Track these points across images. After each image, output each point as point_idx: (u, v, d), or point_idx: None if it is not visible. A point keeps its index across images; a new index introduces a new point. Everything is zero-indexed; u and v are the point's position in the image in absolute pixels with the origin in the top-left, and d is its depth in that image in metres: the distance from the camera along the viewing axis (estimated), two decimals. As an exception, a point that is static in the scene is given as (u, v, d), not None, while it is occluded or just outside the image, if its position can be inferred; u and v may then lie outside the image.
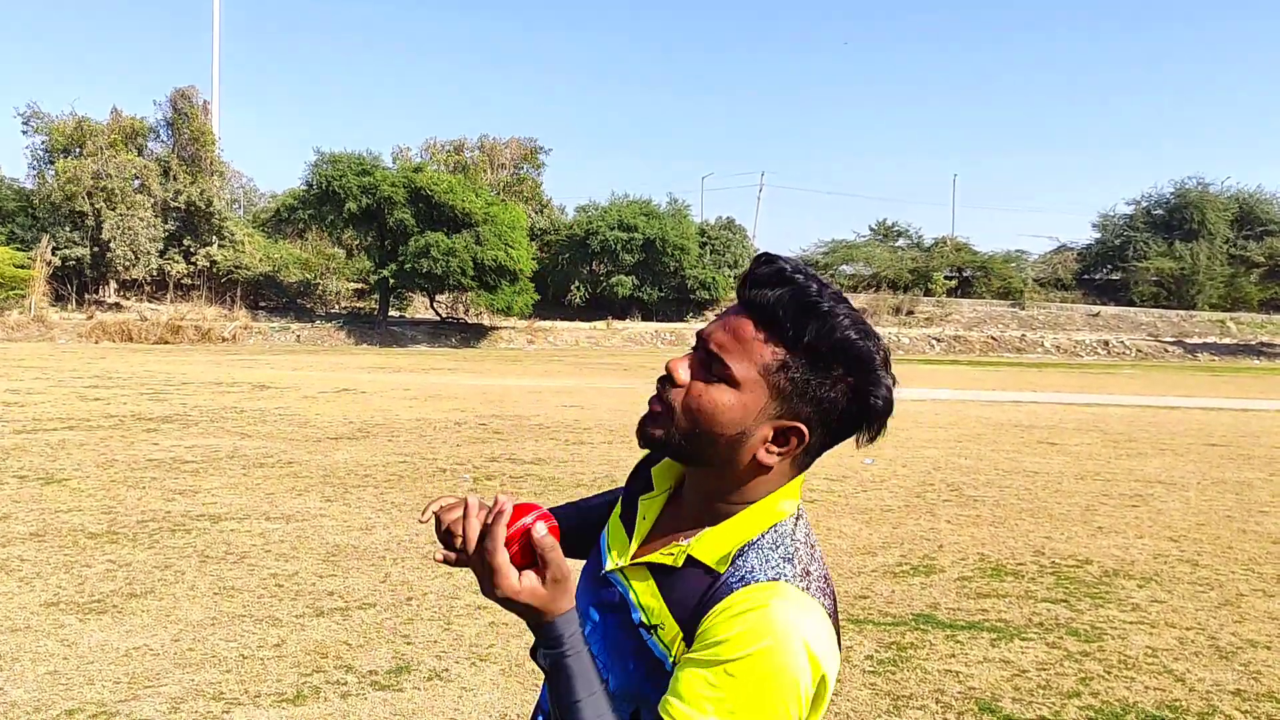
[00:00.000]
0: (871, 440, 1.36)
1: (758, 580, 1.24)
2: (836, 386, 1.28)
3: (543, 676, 1.30)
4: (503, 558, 1.22)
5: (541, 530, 1.24)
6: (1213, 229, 53.67)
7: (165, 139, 46.81)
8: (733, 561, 1.28)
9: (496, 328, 44.01)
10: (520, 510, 1.26)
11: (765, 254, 1.34)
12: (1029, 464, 11.62)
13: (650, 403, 1.34)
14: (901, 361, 38.17)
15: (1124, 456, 12.44)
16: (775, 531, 1.31)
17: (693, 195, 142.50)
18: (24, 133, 46.93)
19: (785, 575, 1.25)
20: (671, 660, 1.26)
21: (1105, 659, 5.08)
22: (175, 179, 44.48)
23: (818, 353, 1.27)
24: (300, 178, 45.74)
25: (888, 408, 1.31)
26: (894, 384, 1.32)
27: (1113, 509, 9.01)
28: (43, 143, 44.86)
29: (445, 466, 10.59)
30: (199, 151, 45.91)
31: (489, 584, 1.23)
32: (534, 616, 1.24)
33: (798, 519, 1.36)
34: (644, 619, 1.30)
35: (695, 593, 1.27)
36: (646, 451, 1.43)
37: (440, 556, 1.34)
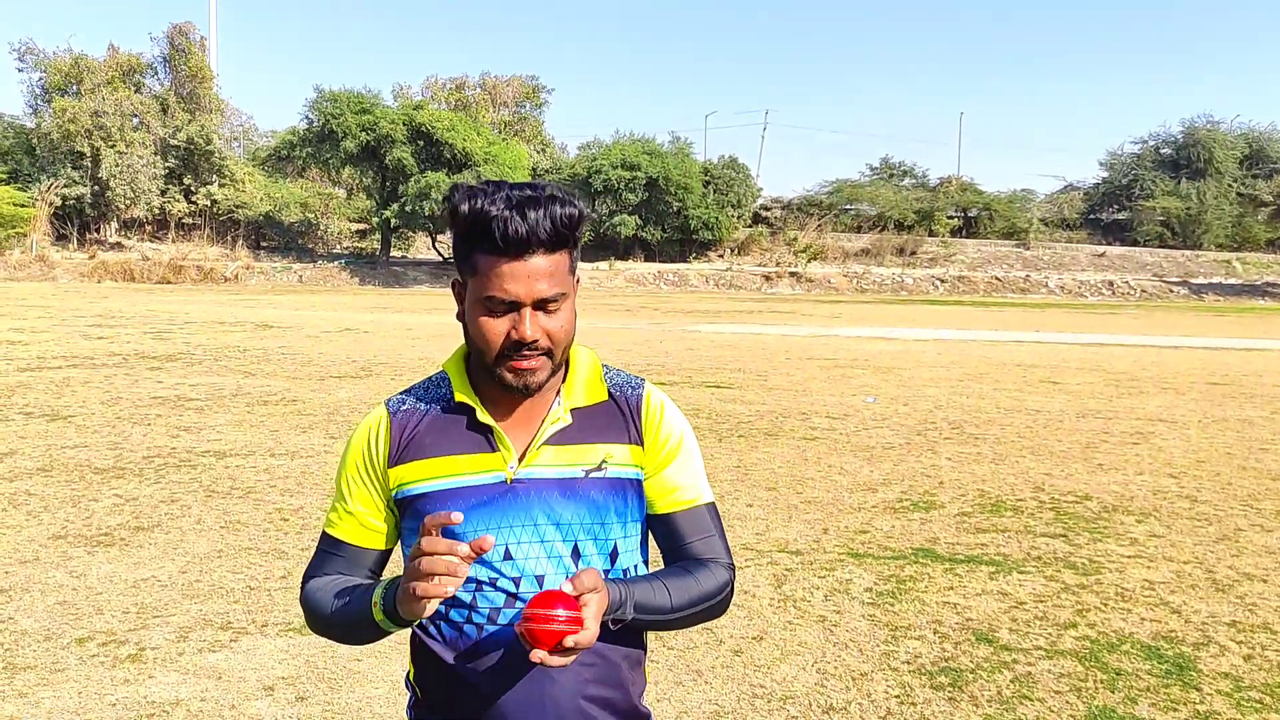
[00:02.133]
0: None
1: (642, 384, 1.69)
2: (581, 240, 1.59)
3: None
4: (588, 637, 1.41)
5: (562, 615, 1.39)
6: (1221, 167, 53.04)
7: (163, 76, 46.29)
8: (607, 381, 1.66)
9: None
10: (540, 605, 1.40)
11: (485, 210, 1.48)
12: (1031, 403, 11.65)
13: (518, 366, 1.53)
14: (905, 302, 38.11)
15: (1126, 395, 12.46)
16: (588, 353, 1.68)
17: (696, 134, 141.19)
18: (19, 70, 46.40)
19: (641, 378, 1.72)
20: (632, 468, 1.61)
21: (1102, 592, 5.14)
22: (173, 116, 44.05)
23: (577, 236, 1.54)
24: (300, 115, 45.31)
25: None
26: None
27: (1113, 446, 9.05)
28: (39, 80, 44.40)
29: (448, 404, 10.61)
30: (196, 89, 45.45)
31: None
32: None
33: None
34: (588, 466, 1.58)
35: (614, 415, 1.64)
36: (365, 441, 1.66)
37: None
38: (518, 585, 1.54)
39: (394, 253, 45.22)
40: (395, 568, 1.69)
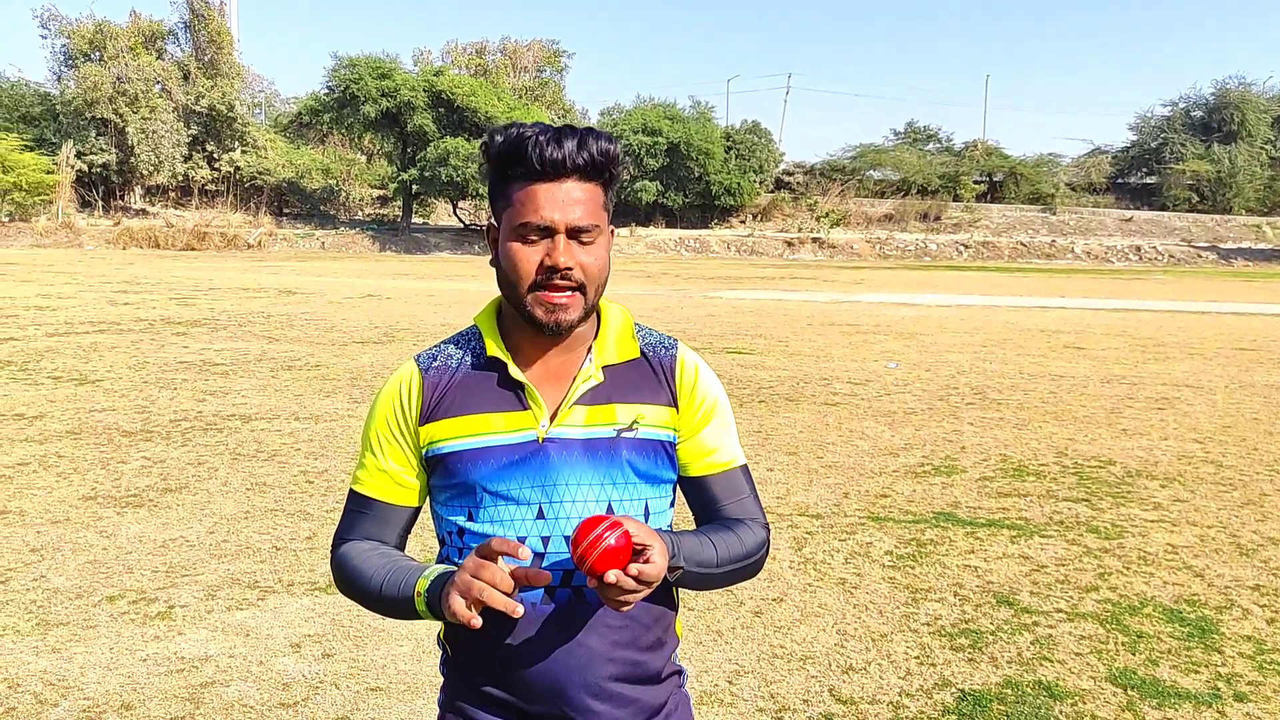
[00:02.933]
0: None
1: (675, 345, 1.67)
2: (617, 182, 1.59)
3: None
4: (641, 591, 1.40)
5: (618, 540, 1.37)
6: (1252, 130, 52.16)
7: (184, 42, 46.31)
8: (639, 339, 1.64)
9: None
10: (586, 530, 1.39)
11: (524, 134, 1.49)
12: (1054, 368, 11.57)
13: (550, 299, 1.50)
14: (928, 268, 37.85)
15: (1151, 361, 12.36)
16: (619, 309, 1.66)
17: (718, 99, 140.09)
18: (43, 37, 46.55)
19: (673, 338, 1.69)
20: (665, 429, 1.59)
21: (1124, 555, 5.13)
22: (195, 83, 44.10)
23: (612, 174, 1.54)
24: (321, 81, 45.24)
25: None
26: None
27: (1138, 412, 8.99)
28: (63, 46, 44.50)
29: (471, 369, 10.66)
30: (217, 54, 45.43)
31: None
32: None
33: None
34: (620, 426, 1.56)
35: (647, 374, 1.61)
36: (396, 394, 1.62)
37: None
38: (547, 545, 1.52)
39: (415, 219, 45.25)
40: (422, 533, 1.70)
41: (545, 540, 1.52)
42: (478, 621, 1.36)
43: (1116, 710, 3.50)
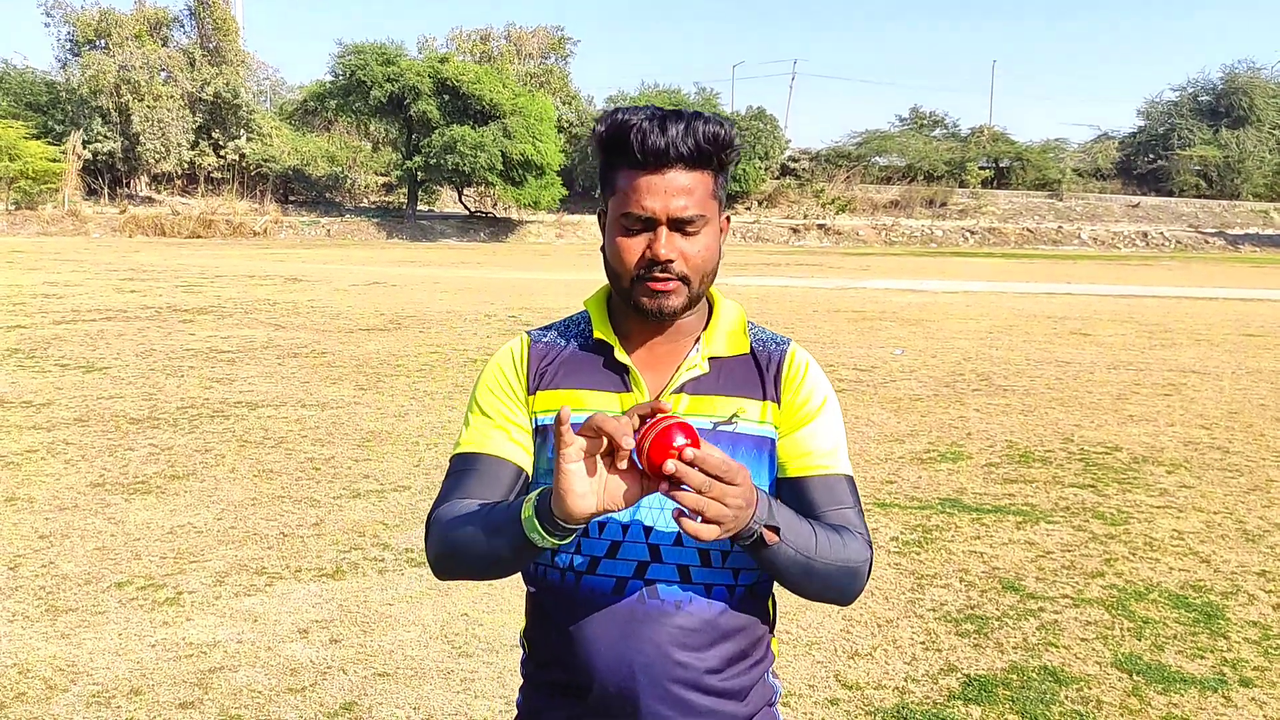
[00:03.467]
0: None
1: (787, 343, 1.60)
2: (733, 167, 1.53)
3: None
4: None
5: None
6: (1261, 115, 51.90)
7: (189, 29, 46.25)
8: (750, 336, 1.58)
9: (525, 222, 43.80)
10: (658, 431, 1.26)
11: (627, 120, 1.44)
12: (1061, 354, 11.55)
13: (654, 286, 1.46)
14: (934, 254, 37.76)
15: (1158, 347, 12.33)
16: (734, 305, 1.61)
17: (723, 85, 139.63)
18: (46, 25, 46.51)
19: (788, 337, 1.63)
20: (768, 425, 1.52)
21: (1130, 541, 5.13)
22: (200, 70, 44.06)
23: (723, 159, 1.48)
24: (326, 68, 45.16)
25: None
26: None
27: (1144, 398, 8.98)
28: (68, 34, 44.46)
29: (475, 357, 10.68)
30: (222, 41, 45.35)
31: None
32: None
33: None
34: (718, 419, 1.49)
35: (749, 370, 1.55)
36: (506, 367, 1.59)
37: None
38: (625, 533, 1.46)
39: (420, 206, 45.22)
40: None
41: (625, 528, 1.47)
42: (627, 441, 1.24)
43: (1122, 695, 3.51)
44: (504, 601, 4.21)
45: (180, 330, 12.32)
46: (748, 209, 49.16)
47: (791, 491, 1.51)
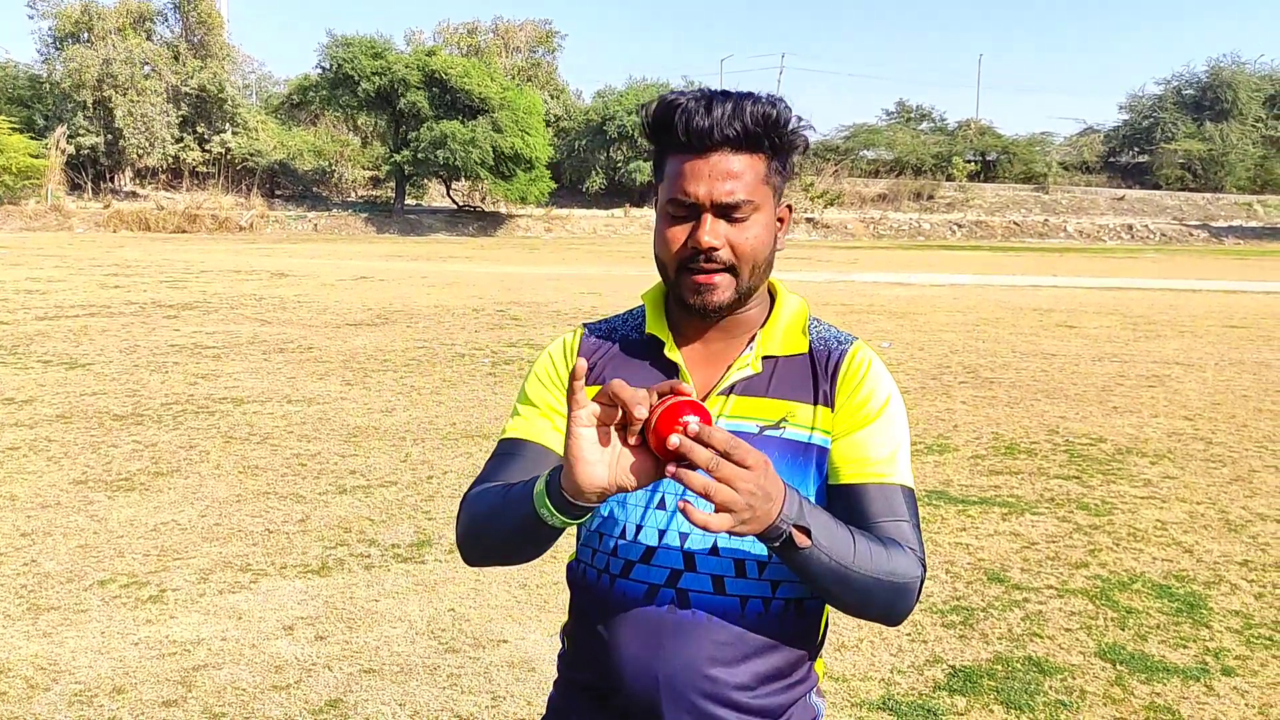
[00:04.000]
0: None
1: (850, 341, 1.50)
2: (795, 151, 1.45)
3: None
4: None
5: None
6: (1244, 109, 52.14)
7: (173, 23, 45.95)
8: (810, 334, 1.50)
9: (514, 216, 43.69)
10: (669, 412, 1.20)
11: (673, 101, 1.39)
12: (1047, 346, 11.59)
13: (697, 281, 1.40)
14: (921, 247, 37.84)
15: (1143, 339, 12.38)
16: (798, 300, 1.54)
17: (711, 79, 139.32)
18: (30, 17, 46.15)
19: (852, 335, 1.53)
20: (815, 431, 1.42)
21: (1114, 532, 5.15)
22: (184, 64, 43.79)
23: (777, 142, 1.41)
24: (313, 61, 44.93)
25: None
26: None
27: (1129, 389, 9.02)
28: (50, 28, 44.12)
29: (464, 352, 10.66)
30: (207, 35, 45.07)
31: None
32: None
33: None
34: (765, 423, 1.41)
35: (807, 372, 1.46)
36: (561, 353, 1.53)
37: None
38: (661, 538, 1.39)
39: (409, 200, 45.06)
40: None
41: (661, 534, 1.40)
42: (640, 411, 1.18)
43: (1106, 685, 3.52)
44: (490, 598, 4.20)
45: (165, 326, 12.25)
46: (735, 202, 49.05)
47: (843, 500, 1.40)
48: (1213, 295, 18.68)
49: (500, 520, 1.37)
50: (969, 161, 53.13)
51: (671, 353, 1.46)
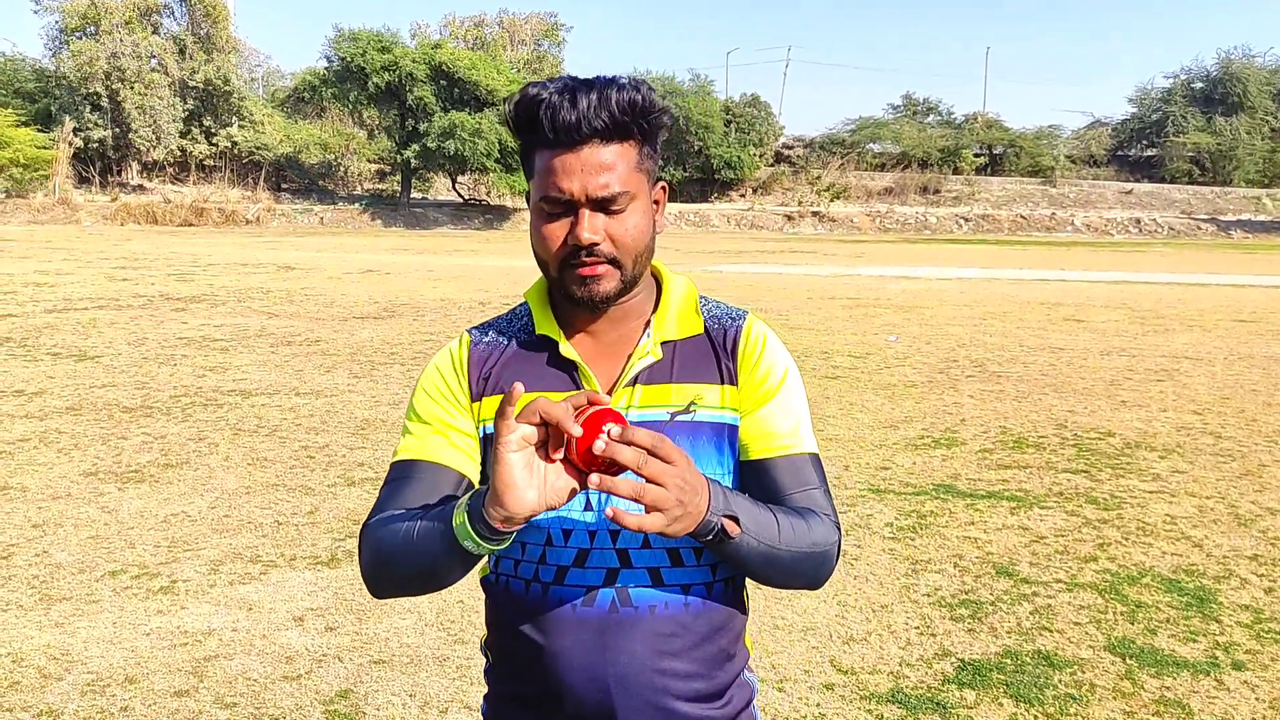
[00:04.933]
0: None
1: (743, 316, 1.49)
2: (662, 132, 1.41)
3: None
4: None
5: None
6: (1254, 102, 51.90)
7: (179, 16, 45.98)
8: (703, 313, 1.48)
9: (520, 209, 43.65)
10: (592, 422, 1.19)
11: (536, 96, 1.35)
12: (1054, 340, 11.57)
13: (582, 271, 1.37)
14: (928, 241, 37.77)
15: (1151, 333, 12.35)
16: (684, 281, 1.51)
17: (717, 72, 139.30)
18: (35, 12, 46.18)
19: (744, 309, 1.52)
20: (725, 410, 1.42)
21: (1124, 526, 5.14)
22: (191, 57, 43.83)
23: (645, 127, 1.37)
24: (319, 55, 44.89)
25: None
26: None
27: (1137, 384, 9.00)
28: (56, 22, 44.17)
29: (470, 344, 10.66)
30: (213, 29, 45.10)
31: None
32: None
33: None
34: (675, 409, 1.40)
35: (708, 351, 1.45)
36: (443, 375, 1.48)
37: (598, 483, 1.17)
38: (593, 540, 1.37)
39: (414, 194, 45.08)
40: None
41: (592, 535, 1.38)
42: (575, 428, 1.16)
43: (1115, 679, 3.52)
44: (499, 588, 4.21)
45: (173, 319, 12.28)
46: (742, 196, 49.09)
47: (754, 475, 1.43)
48: (1221, 289, 18.62)
49: (412, 555, 1.31)
50: (976, 155, 52.98)
51: (567, 351, 1.43)
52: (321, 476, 5.84)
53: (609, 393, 1.41)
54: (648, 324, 1.45)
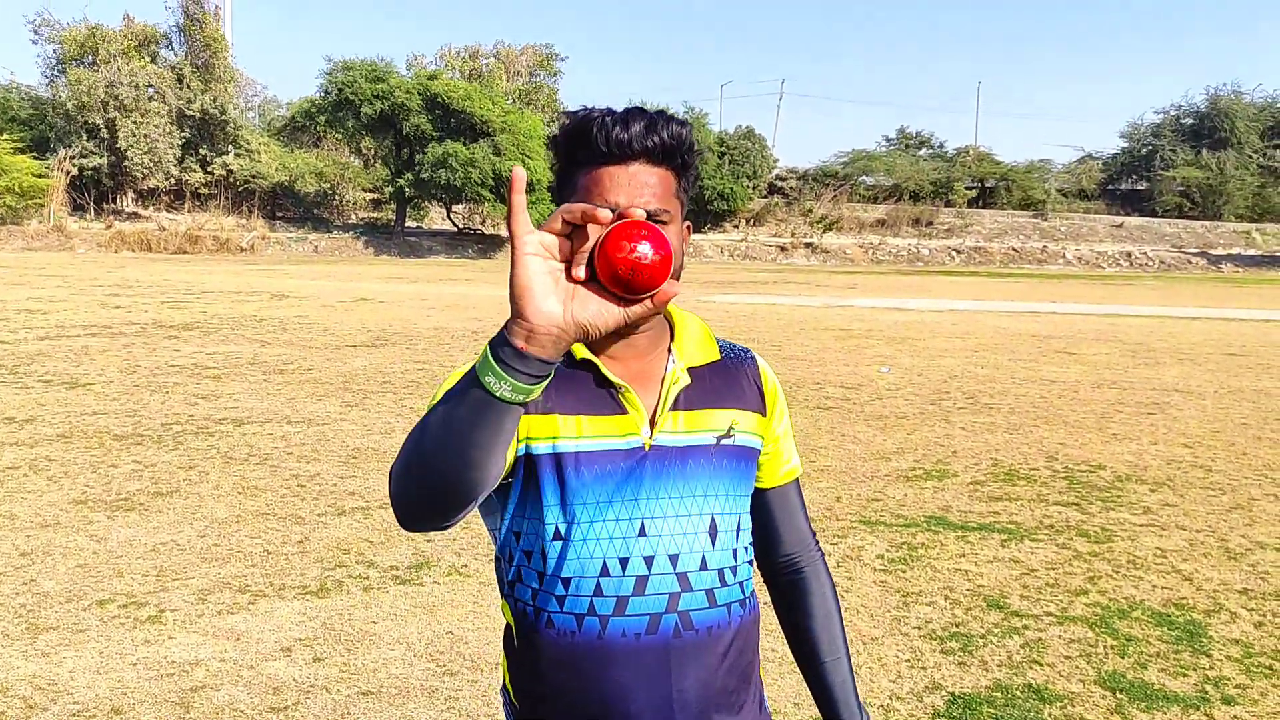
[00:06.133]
0: None
1: (748, 351, 1.59)
2: (695, 172, 1.47)
3: None
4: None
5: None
6: (1243, 138, 52.43)
7: (178, 46, 46.23)
8: (716, 341, 1.55)
9: (514, 238, 43.76)
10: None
11: (590, 115, 1.38)
12: (1046, 373, 11.61)
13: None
14: (921, 273, 37.92)
15: (1142, 365, 12.40)
16: (693, 316, 1.56)
17: (711, 104, 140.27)
18: (34, 42, 46.41)
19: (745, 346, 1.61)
20: (756, 437, 1.51)
21: (1114, 559, 5.15)
22: (188, 87, 44.04)
23: (685, 160, 1.42)
24: (315, 85, 45.16)
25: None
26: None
27: (1128, 416, 9.03)
28: (54, 51, 44.38)
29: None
30: (211, 59, 45.34)
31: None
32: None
33: None
34: (719, 432, 1.46)
35: (732, 378, 1.52)
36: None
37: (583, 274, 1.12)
38: (650, 566, 1.37)
39: (409, 223, 45.20)
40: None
41: (649, 561, 1.37)
42: (604, 213, 1.08)
43: (1105, 713, 3.52)
44: (489, 620, 4.20)
45: (165, 346, 12.27)
46: (735, 227, 49.29)
47: (773, 501, 1.60)
48: (1212, 323, 18.71)
49: (439, 432, 1.17)
50: (968, 188, 53.35)
51: (612, 375, 1.41)
52: (312, 505, 5.82)
53: (651, 420, 1.42)
54: (670, 351, 1.49)
